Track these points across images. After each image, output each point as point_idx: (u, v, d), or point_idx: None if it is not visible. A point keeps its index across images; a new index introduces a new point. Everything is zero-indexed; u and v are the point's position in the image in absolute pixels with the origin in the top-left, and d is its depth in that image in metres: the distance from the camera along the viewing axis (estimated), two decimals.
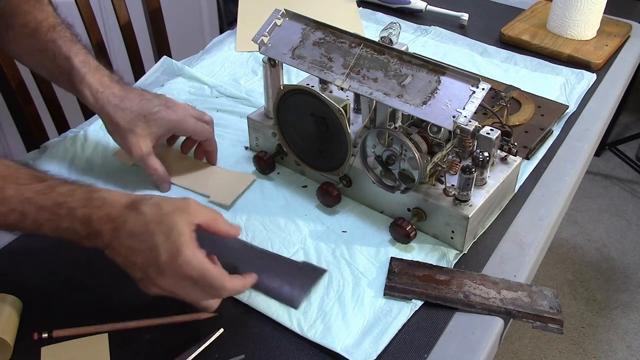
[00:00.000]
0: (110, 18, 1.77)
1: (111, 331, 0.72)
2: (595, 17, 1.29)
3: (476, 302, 0.75)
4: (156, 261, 0.65)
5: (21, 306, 0.73)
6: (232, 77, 1.21)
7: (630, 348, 1.82)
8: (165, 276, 0.66)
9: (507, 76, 1.21)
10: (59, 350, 0.70)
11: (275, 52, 0.88)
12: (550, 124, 1.05)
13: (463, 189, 0.79)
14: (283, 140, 0.90)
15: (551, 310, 0.76)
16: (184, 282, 0.66)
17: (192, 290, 0.67)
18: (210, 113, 1.09)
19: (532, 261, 0.83)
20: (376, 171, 0.85)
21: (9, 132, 1.71)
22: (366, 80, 0.80)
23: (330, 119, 0.82)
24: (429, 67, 0.78)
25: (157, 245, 0.65)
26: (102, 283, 0.77)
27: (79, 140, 1.02)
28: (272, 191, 0.93)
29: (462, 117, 0.74)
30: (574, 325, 1.88)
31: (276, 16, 0.89)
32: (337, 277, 0.78)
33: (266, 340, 0.71)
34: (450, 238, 0.82)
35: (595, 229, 2.23)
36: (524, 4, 1.47)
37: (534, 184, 0.95)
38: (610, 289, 2.00)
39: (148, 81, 1.20)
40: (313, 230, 0.85)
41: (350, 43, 0.83)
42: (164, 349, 0.70)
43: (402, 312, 0.74)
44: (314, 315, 0.74)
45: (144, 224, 0.66)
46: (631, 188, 2.42)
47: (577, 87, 1.18)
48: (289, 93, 0.84)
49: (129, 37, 1.43)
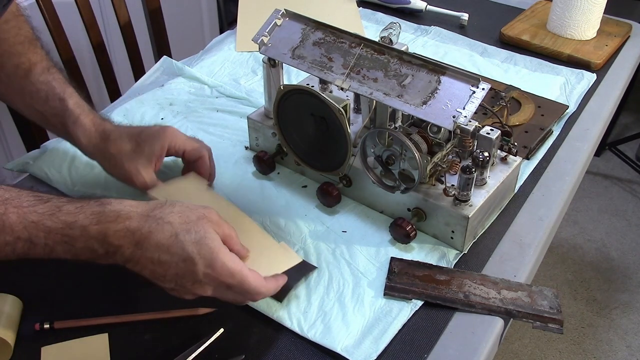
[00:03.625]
0: (110, 18, 1.77)
1: (111, 324, 0.72)
2: (595, 17, 1.29)
3: (476, 302, 0.75)
4: (192, 272, 0.63)
5: (21, 306, 0.73)
6: (232, 77, 1.21)
7: (630, 348, 1.82)
8: (202, 285, 0.64)
9: (507, 76, 1.21)
10: (59, 350, 0.70)
11: (275, 52, 0.88)
12: (550, 124, 1.05)
13: (463, 189, 0.79)
14: (283, 140, 0.90)
15: (551, 310, 0.76)
16: (222, 288, 0.65)
17: (228, 293, 0.66)
18: (210, 113, 1.09)
19: (532, 261, 0.83)
20: (376, 171, 0.85)
21: (9, 132, 1.71)
22: (366, 80, 0.80)
23: (330, 119, 0.82)
24: (429, 67, 0.78)
25: (191, 256, 0.62)
26: (102, 283, 0.77)
27: None
28: (272, 191, 0.93)
29: (462, 117, 0.74)
30: (574, 325, 1.88)
31: (276, 16, 0.89)
32: (337, 277, 0.78)
33: (266, 340, 0.71)
34: (450, 238, 0.82)
35: (595, 229, 2.23)
36: (524, 4, 1.47)
37: (534, 184, 0.95)
38: (610, 289, 2.00)
39: (148, 81, 1.20)
40: (313, 230, 0.85)
41: (350, 43, 0.83)
42: (164, 349, 0.70)
43: (402, 312, 0.74)
44: (314, 315, 0.74)
45: (172, 235, 0.63)
46: (631, 188, 2.42)
47: (577, 87, 1.18)
48: (289, 93, 0.84)
49: (129, 37, 1.43)
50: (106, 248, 0.63)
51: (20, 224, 0.61)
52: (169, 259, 0.63)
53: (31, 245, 0.62)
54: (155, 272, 0.64)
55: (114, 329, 0.72)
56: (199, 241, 0.63)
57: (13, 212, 0.61)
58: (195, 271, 0.63)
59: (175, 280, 0.64)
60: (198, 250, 0.63)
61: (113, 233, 0.62)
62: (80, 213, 0.63)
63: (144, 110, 1.10)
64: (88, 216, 0.63)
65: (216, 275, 0.63)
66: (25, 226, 0.61)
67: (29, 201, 0.63)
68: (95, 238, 0.62)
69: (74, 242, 0.62)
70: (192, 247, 0.63)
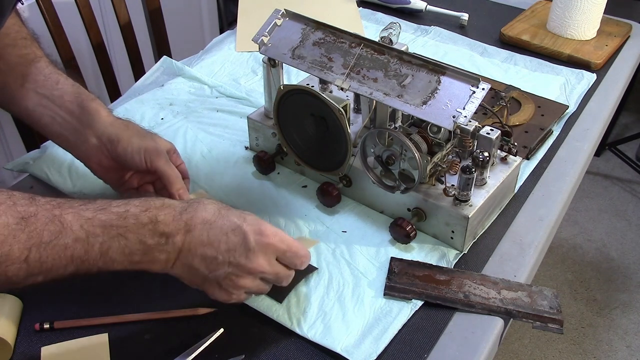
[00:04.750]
0: (110, 18, 1.77)
1: (111, 324, 0.72)
2: (595, 17, 1.29)
3: (476, 302, 0.75)
4: (244, 240, 0.64)
5: (21, 306, 0.73)
6: (232, 77, 1.21)
7: (630, 348, 1.82)
8: (256, 254, 0.64)
9: (507, 76, 1.21)
10: (59, 350, 0.70)
11: (275, 52, 0.88)
12: (550, 124, 1.05)
13: (463, 189, 0.79)
14: (283, 140, 0.90)
15: (551, 310, 0.76)
16: (272, 258, 0.66)
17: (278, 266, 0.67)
18: (210, 113, 1.10)
19: (532, 261, 0.83)
20: (376, 171, 0.85)
21: (9, 132, 1.71)
22: (366, 80, 0.80)
23: (330, 119, 0.82)
24: (429, 67, 0.78)
25: (239, 224, 0.64)
26: (102, 283, 0.77)
27: None
28: (272, 191, 0.93)
29: (462, 117, 0.74)
30: (574, 325, 1.88)
31: (276, 16, 0.89)
32: (337, 277, 0.78)
33: (266, 340, 0.71)
34: (450, 238, 0.82)
35: (595, 229, 2.23)
36: (524, 4, 1.47)
37: (534, 184, 0.95)
38: (610, 289, 2.00)
39: (148, 81, 1.20)
40: (313, 230, 0.85)
41: (350, 43, 0.83)
42: (164, 349, 0.70)
43: (402, 312, 0.74)
44: (314, 315, 0.74)
45: (216, 211, 0.65)
46: (631, 188, 2.42)
47: (577, 87, 1.18)
48: (289, 93, 0.84)
49: (129, 37, 1.43)
50: (158, 237, 0.63)
51: (77, 222, 0.60)
52: (218, 232, 0.64)
53: (88, 247, 0.61)
54: (206, 255, 0.64)
55: (114, 329, 0.72)
56: (242, 213, 0.65)
57: (69, 213, 0.61)
58: (247, 238, 0.64)
59: (228, 259, 0.64)
60: (244, 218, 0.65)
61: (163, 218, 0.63)
62: (129, 204, 0.64)
63: (144, 110, 1.10)
64: (137, 205, 0.64)
65: (267, 241, 0.64)
66: (82, 224, 0.60)
67: (80, 202, 0.63)
68: (147, 226, 0.62)
69: (128, 234, 0.62)
70: (237, 218, 0.65)
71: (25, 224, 0.57)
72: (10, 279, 0.58)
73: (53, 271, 0.59)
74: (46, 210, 0.60)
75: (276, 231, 0.66)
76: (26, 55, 0.84)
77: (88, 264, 0.61)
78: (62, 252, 0.59)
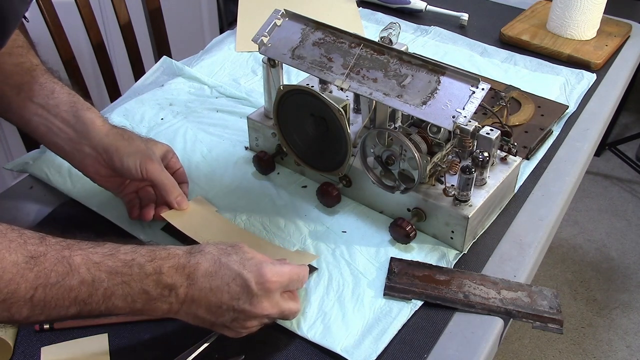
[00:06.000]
0: (110, 18, 1.77)
1: (111, 324, 0.72)
2: (595, 17, 1.29)
3: (476, 302, 0.75)
4: (245, 288, 0.64)
5: None
6: (232, 77, 1.21)
7: (630, 348, 1.82)
8: (259, 299, 0.65)
9: (507, 76, 1.21)
10: (59, 350, 0.70)
11: (275, 52, 0.88)
12: (550, 124, 1.05)
13: (463, 189, 0.79)
14: (283, 140, 0.90)
15: (551, 310, 0.76)
16: (276, 295, 0.66)
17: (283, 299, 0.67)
18: (210, 113, 1.10)
19: (532, 261, 0.83)
20: (376, 171, 0.85)
21: (9, 132, 1.71)
22: (366, 81, 0.80)
23: (330, 119, 0.82)
24: (428, 67, 0.78)
25: (239, 272, 0.64)
26: None
27: None
28: (272, 191, 0.93)
29: (462, 117, 0.74)
30: (574, 325, 1.88)
31: (276, 16, 0.89)
32: (337, 277, 0.78)
33: (266, 340, 0.71)
34: (450, 238, 0.82)
35: (595, 229, 2.23)
36: (524, 4, 1.47)
37: (534, 184, 0.95)
38: (610, 289, 2.00)
39: (148, 81, 1.20)
40: (313, 231, 0.85)
41: (350, 43, 0.83)
42: (164, 349, 0.70)
43: (402, 313, 0.74)
44: (314, 315, 0.74)
45: (216, 260, 0.65)
46: (631, 188, 2.42)
47: (577, 87, 1.18)
48: (289, 93, 0.84)
49: (129, 37, 1.43)
50: (161, 289, 0.63)
51: (84, 265, 0.61)
52: (220, 282, 0.64)
53: (93, 290, 0.61)
54: (210, 305, 0.64)
55: (114, 329, 0.72)
56: (241, 259, 0.65)
57: (78, 255, 0.61)
58: (248, 286, 0.64)
59: (232, 306, 0.64)
60: (243, 265, 0.65)
61: (167, 270, 0.63)
62: (136, 252, 0.64)
63: (144, 110, 1.10)
64: (143, 255, 0.64)
65: (269, 286, 0.65)
66: (89, 268, 0.61)
67: (89, 244, 0.63)
68: (150, 277, 0.63)
69: (132, 283, 0.62)
70: (237, 265, 0.65)
71: (34, 263, 0.58)
72: (13, 317, 0.58)
73: (55, 311, 0.60)
74: (56, 250, 0.60)
75: (275, 270, 0.66)
76: (22, 64, 0.84)
77: (91, 307, 0.61)
78: (67, 294, 0.59)
